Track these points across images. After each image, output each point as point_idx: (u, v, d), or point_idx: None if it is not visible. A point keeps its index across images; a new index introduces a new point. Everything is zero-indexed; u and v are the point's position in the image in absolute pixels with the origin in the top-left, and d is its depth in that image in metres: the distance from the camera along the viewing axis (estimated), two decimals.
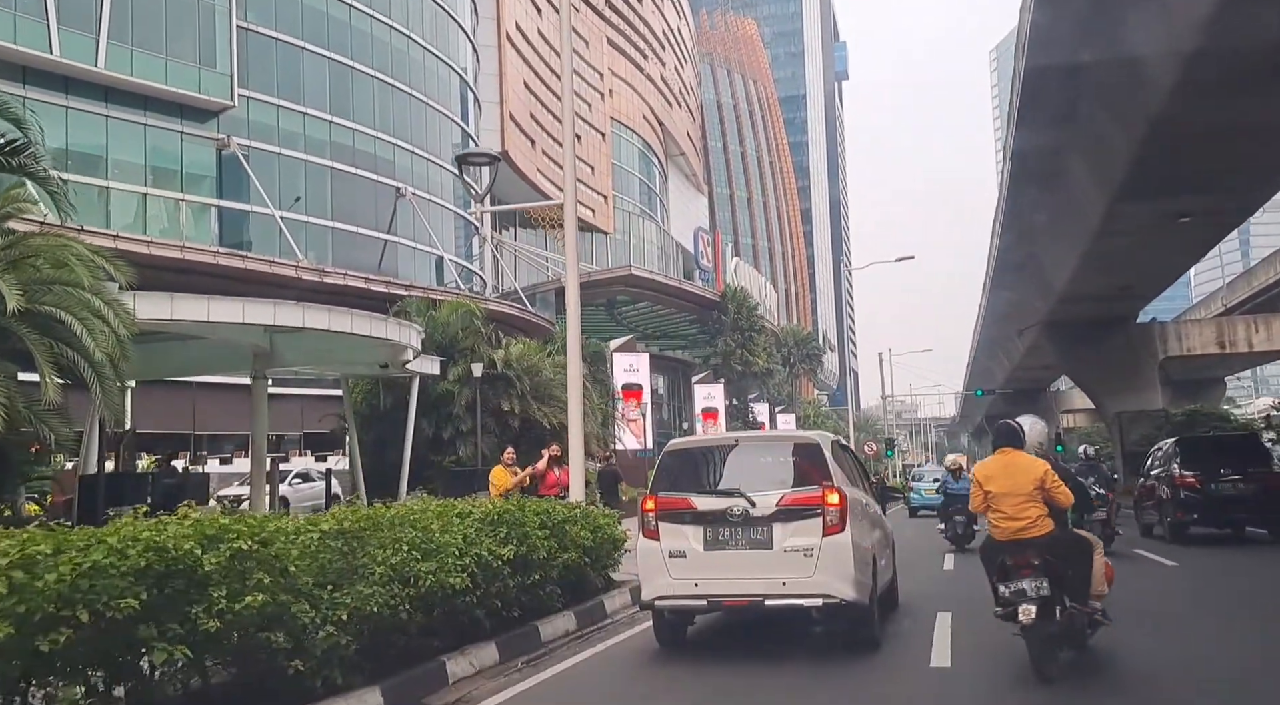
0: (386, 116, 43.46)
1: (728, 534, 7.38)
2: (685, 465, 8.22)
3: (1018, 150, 29.88)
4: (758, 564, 7.28)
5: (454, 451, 24.96)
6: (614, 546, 10.37)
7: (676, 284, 60.82)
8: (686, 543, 7.48)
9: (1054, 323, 44.17)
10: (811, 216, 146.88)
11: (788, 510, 7.30)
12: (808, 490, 7.40)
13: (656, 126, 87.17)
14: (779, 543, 7.24)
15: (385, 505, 7.30)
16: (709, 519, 7.43)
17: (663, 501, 7.73)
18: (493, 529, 7.66)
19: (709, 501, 7.55)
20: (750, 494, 7.37)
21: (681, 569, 7.47)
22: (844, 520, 7.26)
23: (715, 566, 7.39)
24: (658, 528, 7.68)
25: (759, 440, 10.37)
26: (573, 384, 11.62)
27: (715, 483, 7.93)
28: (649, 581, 7.73)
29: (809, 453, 7.80)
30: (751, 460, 8.20)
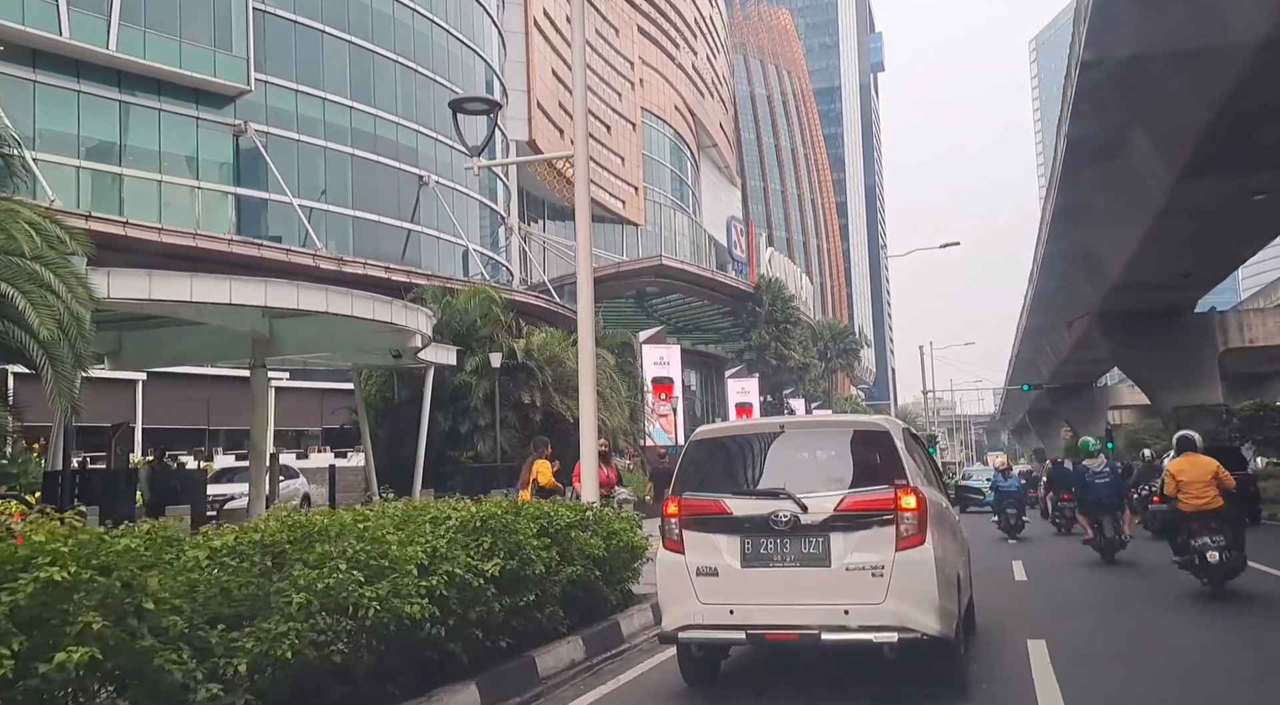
0: (409, 103, 42.16)
1: (772, 546, 5.84)
2: (717, 458, 6.59)
3: (1074, 129, 28.08)
4: (811, 586, 5.75)
5: (472, 447, 23.54)
6: (633, 555, 8.80)
7: (709, 274, 59.05)
8: (719, 557, 5.96)
9: (1106, 313, 42.36)
10: (847, 210, 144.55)
11: (849, 516, 5.75)
12: (875, 491, 5.82)
13: (688, 117, 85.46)
14: (839, 558, 5.70)
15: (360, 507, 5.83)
16: (748, 527, 5.92)
17: (689, 504, 6.21)
18: (474, 538, 6.14)
19: (748, 504, 5.99)
20: (801, 495, 5.82)
21: (713, 591, 5.95)
22: (924, 529, 5.68)
23: (756, 588, 5.86)
24: (682, 538, 6.15)
25: (811, 426, 7.98)
26: (585, 363, 10.06)
27: (755, 480, 6.35)
28: (672, 606, 6.18)
29: (876, 442, 6.15)
30: (802, 452, 6.52)
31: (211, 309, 14.86)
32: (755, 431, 6.97)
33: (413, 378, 23.59)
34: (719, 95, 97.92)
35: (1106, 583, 12.17)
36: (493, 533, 6.26)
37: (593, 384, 10.10)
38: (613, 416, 24.85)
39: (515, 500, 8.17)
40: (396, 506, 6.26)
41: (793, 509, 5.76)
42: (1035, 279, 50.18)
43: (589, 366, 10.01)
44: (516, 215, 55.03)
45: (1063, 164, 31.93)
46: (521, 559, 6.47)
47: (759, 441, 6.62)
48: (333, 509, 6.71)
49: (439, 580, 5.31)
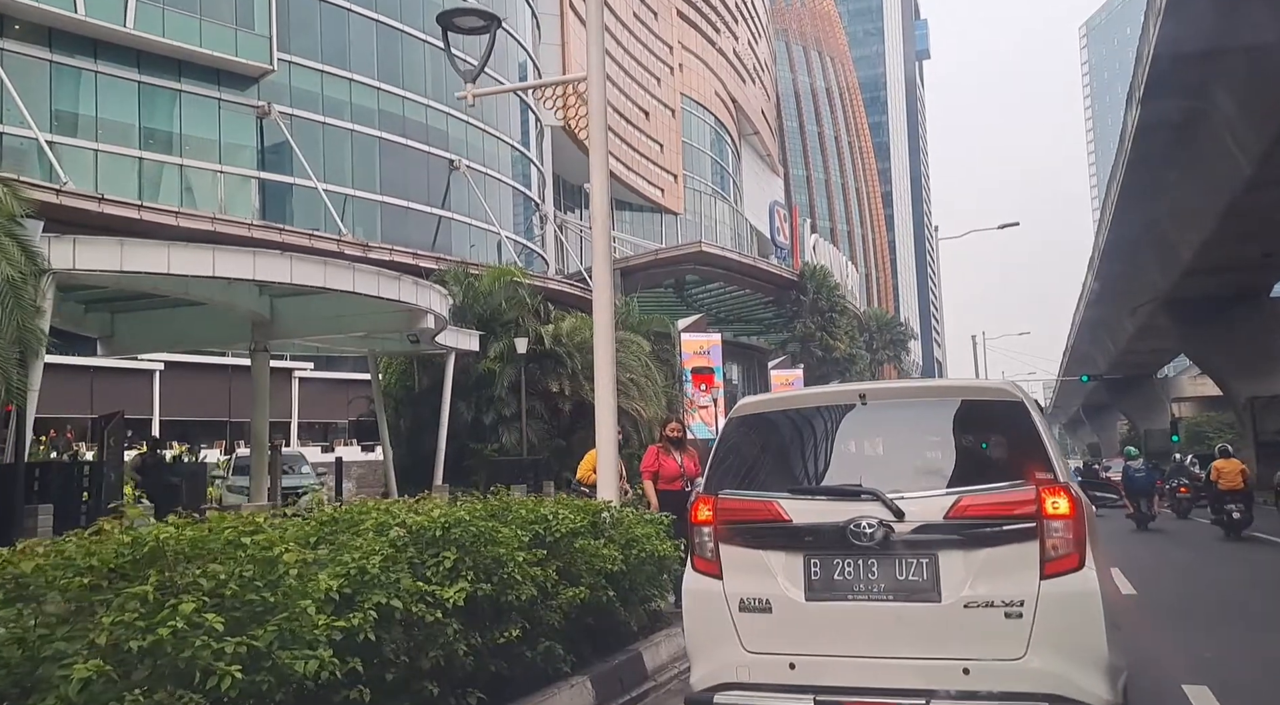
0: (439, 84, 40.71)
1: (851, 570, 4.00)
2: (768, 442, 4.65)
3: (1150, 100, 25.95)
4: (912, 631, 3.90)
5: (496, 439, 22.00)
6: (660, 567, 7.11)
7: (750, 262, 57.02)
8: (773, 585, 4.11)
9: (1174, 300, 40.08)
10: (892, 200, 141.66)
11: (969, 527, 3.89)
12: (1007, 489, 3.94)
13: (729, 103, 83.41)
14: (954, 589, 3.85)
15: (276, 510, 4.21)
16: (815, 541, 4.07)
17: (728, 508, 4.32)
18: (430, 554, 4.47)
19: (814, 508, 4.12)
20: (894, 494, 3.98)
21: (764, 634, 4.11)
22: (1082, 546, 3.84)
23: (828, 632, 4.02)
24: (719, 555, 4.28)
25: (906, 396, 5.03)
26: (601, 337, 8.37)
27: (825, 473, 4.39)
28: (704, 654, 4.32)
29: (1004, 418, 4.22)
30: (892, 433, 4.46)
31: (199, 285, 13.40)
32: (823, 404, 4.71)
33: (434, 366, 22.15)
34: (761, 82, 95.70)
35: (1226, 594, 10.37)
36: (458, 545, 4.58)
37: (610, 360, 8.42)
38: (648, 406, 23.17)
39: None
40: (327, 511, 4.61)
41: (882, 515, 3.94)
42: (1096, 265, 47.90)
43: (606, 339, 8.32)
44: (551, 203, 53.52)
45: (1134, 139, 29.74)
46: (502, 580, 4.79)
47: (829, 418, 4.55)
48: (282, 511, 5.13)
49: (362, 618, 3.64)
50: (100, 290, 14.91)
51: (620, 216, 66.15)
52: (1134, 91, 28.80)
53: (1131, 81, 29.39)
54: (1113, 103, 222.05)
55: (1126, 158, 31.54)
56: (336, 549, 4.04)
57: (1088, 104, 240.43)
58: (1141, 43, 25.58)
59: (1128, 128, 30.62)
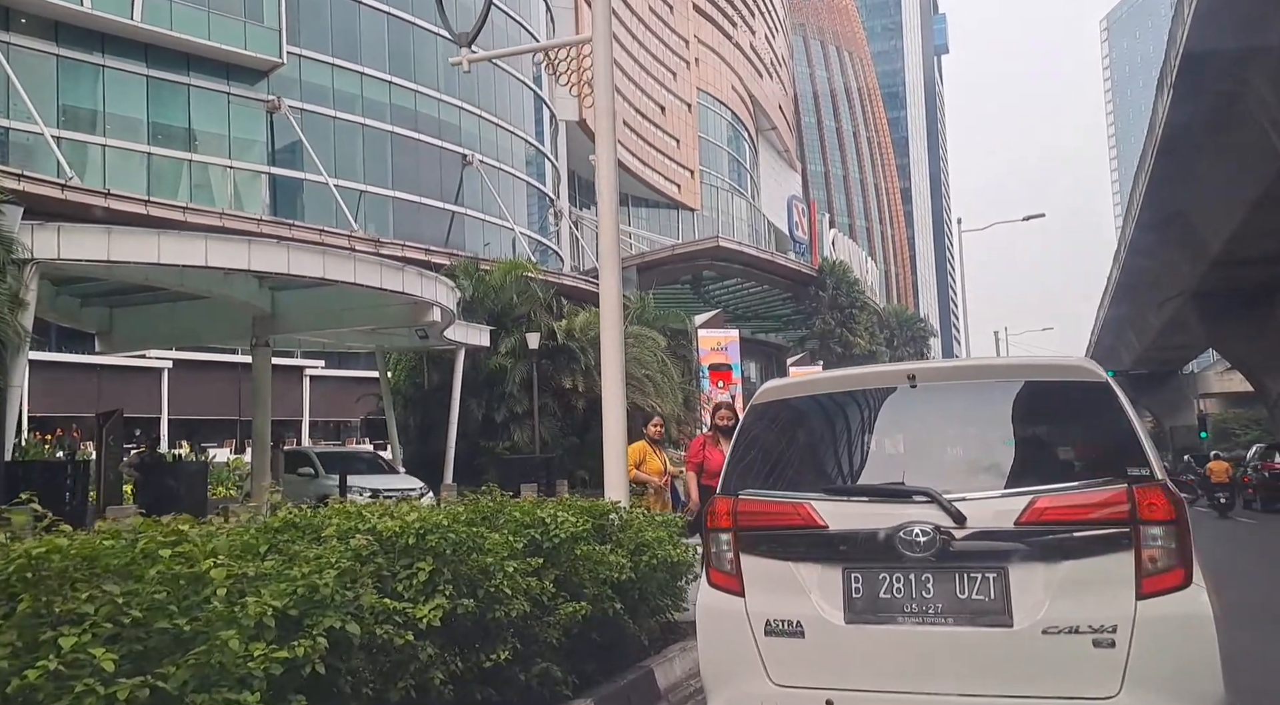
0: (451, 79, 40.13)
1: (900, 587, 3.31)
2: (795, 433, 3.92)
3: (1182, 84, 25.09)
4: (978, 661, 3.21)
5: (508, 437, 21.43)
6: (673, 574, 6.47)
7: (768, 257, 56.15)
8: (805, 604, 3.42)
9: (1203, 293, 39.19)
10: (911, 196, 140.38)
11: (1046, 534, 3.20)
12: (1091, 488, 3.26)
13: (746, 98, 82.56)
14: (1028, 611, 3.17)
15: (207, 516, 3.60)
16: (857, 551, 3.39)
17: (751, 510, 3.62)
18: (402, 565, 3.84)
19: (856, 511, 3.44)
20: (953, 495, 3.28)
21: (795, 663, 3.43)
22: (1187, 557, 3.16)
23: (873, 662, 3.33)
24: (739, 567, 3.60)
25: (962, 376, 4.02)
26: (609, 322, 7.74)
27: (864, 469, 3.68)
28: (723, 685, 3.65)
29: (1086, 401, 3.49)
30: (947, 420, 3.68)
31: (194, 276, 12.85)
32: (863, 387, 3.91)
33: (444, 362, 21.59)
34: (778, 76, 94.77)
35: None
36: (435, 555, 3.94)
37: (619, 350, 7.79)
38: (665, 403, 22.54)
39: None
40: (282, 514, 3.98)
41: (939, 520, 3.26)
42: (1122, 259, 47.00)
43: (615, 322, 7.69)
44: (566, 199, 52.91)
45: (1164, 126, 28.85)
46: (488, 594, 4.15)
47: (871, 404, 3.79)
48: None
49: (310, 646, 3.01)
50: (96, 284, 14.41)
51: (636, 213, 65.47)
52: (1165, 77, 27.93)
53: (1163, 66, 28.53)
54: (1134, 96, 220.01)
55: (1156, 146, 30.66)
56: (288, 561, 3.41)
57: (1109, 99, 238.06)
58: (1174, 24, 24.73)
59: (1158, 115, 29.73)
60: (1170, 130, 28.26)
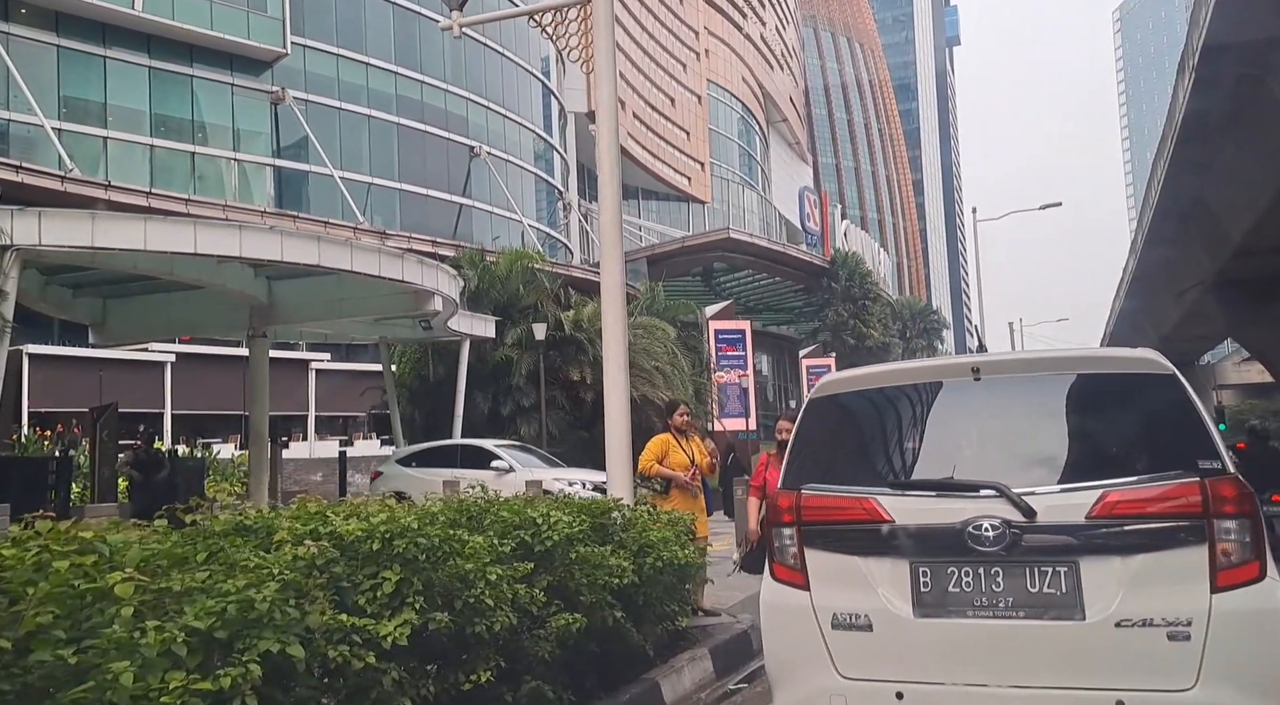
0: (459, 69, 39.67)
1: (970, 581, 3.32)
2: (856, 427, 3.94)
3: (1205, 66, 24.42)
4: (1050, 654, 3.21)
5: (515, 430, 20.93)
6: (680, 578, 5.97)
7: (780, 248, 55.47)
8: (873, 598, 3.45)
9: (1223, 282, 38.45)
10: (923, 188, 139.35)
11: (1117, 528, 3.21)
12: (1162, 481, 3.23)
13: (757, 90, 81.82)
14: (1101, 604, 3.18)
15: None
16: (924, 546, 3.41)
17: (815, 505, 3.64)
18: (365, 575, 3.34)
19: (922, 506, 3.43)
20: (1022, 489, 3.28)
21: (864, 656, 3.45)
22: (1261, 550, 3.12)
23: (943, 655, 3.33)
24: (804, 562, 3.62)
25: (1027, 368, 3.88)
26: (611, 306, 7.24)
27: (929, 463, 3.61)
28: (789, 679, 3.64)
29: (1154, 393, 3.44)
30: (1012, 413, 3.66)
31: (185, 264, 12.38)
32: (926, 380, 3.87)
33: (450, 355, 21.14)
34: (789, 68, 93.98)
35: None
36: (404, 561, 3.43)
37: (622, 336, 7.30)
38: (675, 395, 21.97)
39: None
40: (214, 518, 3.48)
41: (1008, 514, 3.26)
42: (1139, 248, 46.35)
43: (617, 299, 7.19)
44: (576, 192, 52.38)
45: (1185, 110, 28.19)
46: (467, 606, 3.65)
47: (934, 397, 3.75)
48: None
49: (240, 675, 2.51)
50: (88, 273, 13.97)
51: (646, 206, 64.90)
52: (1186, 61, 27.28)
53: (1184, 50, 27.88)
54: (1147, 88, 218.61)
55: (1176, 133, 30.00)
56: (227, 572, 2.91)
57: (1121, 91, 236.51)
58: (1197, 7, 24.09)
59: (1178, 101, 29.06)
60: (1191, 117, 27.60)
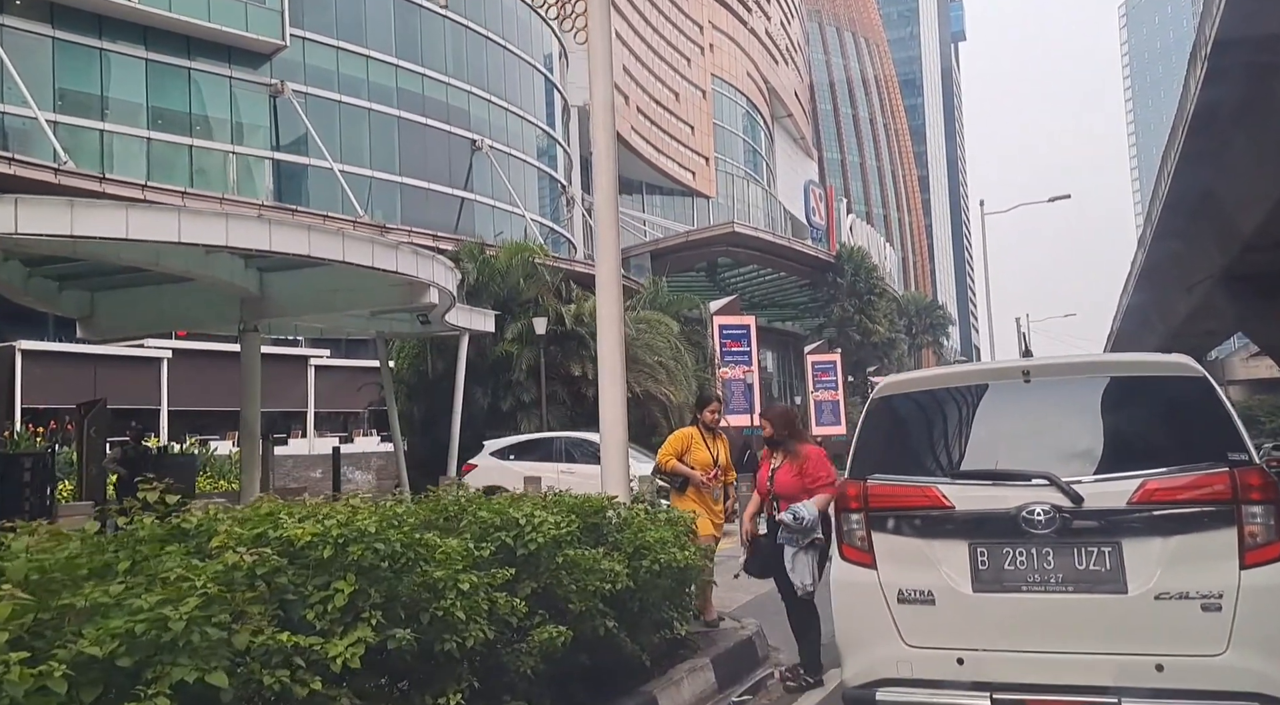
0: (460, 62, 39.26)
1: (1024, 559, 3.79)
2: (915, 423, 4.49)
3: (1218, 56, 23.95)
4: (1096, 624, 3.69)
5: (515, 426, 20.56)
6: (680, 581, 5.56)
7: (785, 242, 54.95)
8: (935, 575, 3.93)
9: (1233, 277, 37.89)
10: (929, 184, 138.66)
11: (1155, 512, 3.66)
12: (1195, 471, 3.68)
13: (761, 85, 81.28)
14: (1142, 580, 3.65)
15: None
16: (982, 529, 3.89)
17: (881, 493, 4.17)
18: (319, 582, 2.93)
19: (980, 494, 3.91)
20: (1070, 479, 3.74)
21: (927, 628, 3.94)
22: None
23: (999, 626, 3.82)
24: (871, 544, 4.13)
25: (1072, 372, 4.54)
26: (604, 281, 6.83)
27: (984, 456, 4.10)
28: (858, 648, 4.13)
29: (1187, 395, 3.94)
30: (1060, 413, 4.17)
31: (171, 255, 11.96)
32: (979, 382, 4.38)
33: (449, 349, 20.72)
34: (794, 63, 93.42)
35: None
36: (360, 570, 3.02)
37: (618, 322, 6.89)
38: (678, 391, 21.61)
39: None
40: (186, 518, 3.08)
41: (1057, 500, 3.73)
42: (1147, 242, 45.78)
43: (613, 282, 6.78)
44: (579, 186, 51.96)
45: (1196, 99, 27.66)
46: (434, 620, 3.24)
47: (987, 397, 4.27)
48: None
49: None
50: (72, 264, 13.55)
51: (650, 200, 64.45)
52: (1198, 50, 26.78)
53: (1195, 39, 27.39)
54: (1154, 83, 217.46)
55: (1187, 124, 29.44)
56: (147, 584, 2.50)
57: (1128, 87, 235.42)
58: None
59: (1190, 91, 28.51)
60: (1202, 108, 27.06)
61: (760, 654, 6.66)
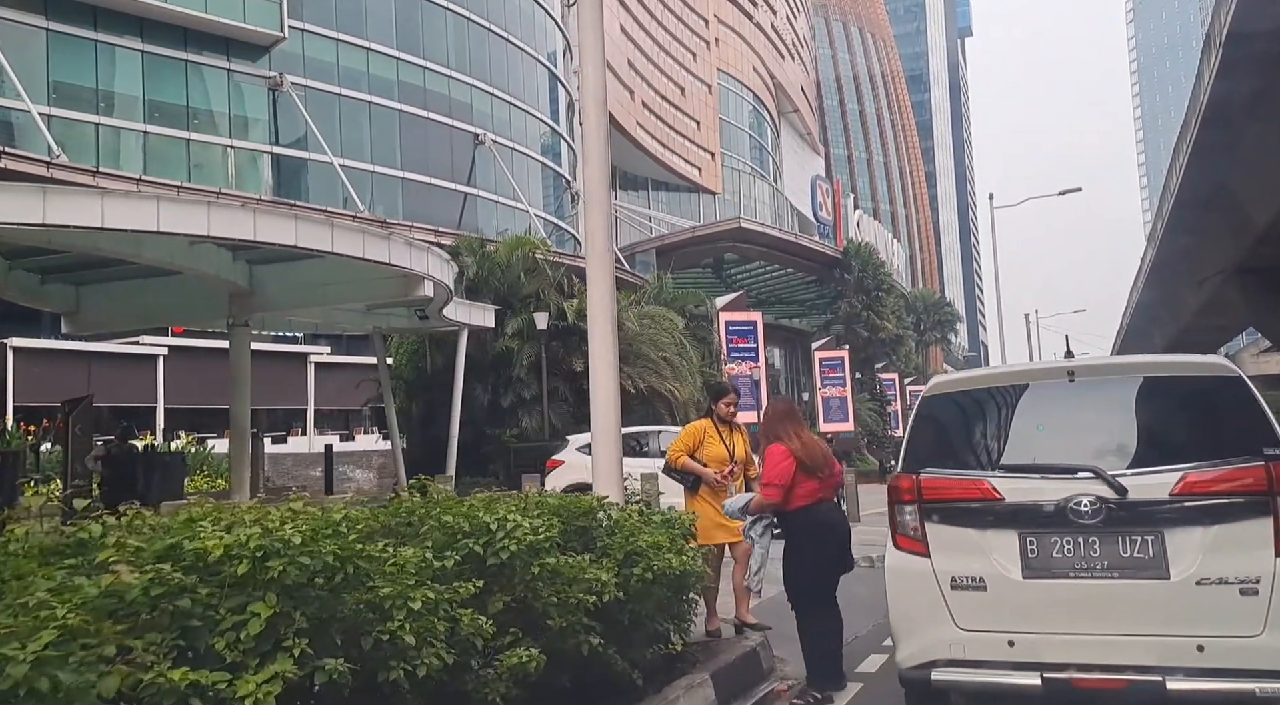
0: (463, 55, 38.78)
1: (1071, 548, 4.02)
2: (968, 419, 4.73)
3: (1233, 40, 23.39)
4: (1140, 608, 3.91)
5: (515, 423, 20.12)
6: (676, 590, 5.07)
7: (792, 238, 54.34)
8: (986, 563, 4.17)
9: (1246, 270, 37.24)
10: (936, 180, 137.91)
11: (1195, 503, 3.88)
12: (1233, 464, 3.89)
13: (768, 80, 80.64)
14: (1183, 566, 3.86)
15: None
16: (1030, 519, 4.11)
17: (933, 486, 4.38)
18: (234, 604, 2.45)
19: (1028, 486, 4.14)
20: (1114, 471, 3.96)
21: (978, 612, 4.17)
22: None
23: (1048, 610, 4.06)
24: (924, 533, 4.35)
25: (1115, 372, 4.88)
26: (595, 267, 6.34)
27: (1034, 450, 4.36)
28: (912, 632, 4.36)
29: (1223, 393, 4.19)
30: (1103, 410, 4.45)
31: (153, 245, 11.55)
32: (1025, 382, 4.65)
33: (448, 345, 20.28)
34: (800, 58, 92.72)
35: None
36: (283, 590, 2.54)
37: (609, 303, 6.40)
38: (683, 387, 21.13)
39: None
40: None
41: (1102, 492, 3.97)
42: (1158, 236, 45.13)
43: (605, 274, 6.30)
44: (583, 182, 51.53)
45: (1210, 89, 27.08)
46: (378, 645, 2.76)
47: (1033, 395, 4.54)
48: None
49: None
50: (55, 257, 13.14)
51: (656, 196, 63.97)
52: (1213, 37, 26.19)
53: (1209, 26, 26.78)
54: (1161, 78, 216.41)
55: (1200, 115, 28.80)
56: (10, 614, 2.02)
57: (1135, 81, 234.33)
58: None
59: (1203, 81, 27.94)
60: (1216, 98, 26.49)
61: (765, 666, 6.16)
